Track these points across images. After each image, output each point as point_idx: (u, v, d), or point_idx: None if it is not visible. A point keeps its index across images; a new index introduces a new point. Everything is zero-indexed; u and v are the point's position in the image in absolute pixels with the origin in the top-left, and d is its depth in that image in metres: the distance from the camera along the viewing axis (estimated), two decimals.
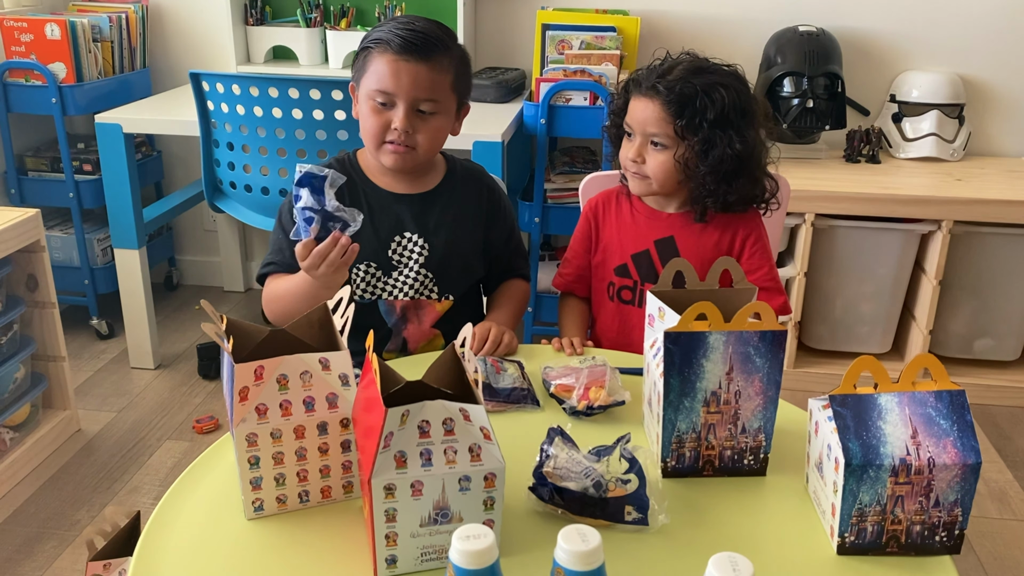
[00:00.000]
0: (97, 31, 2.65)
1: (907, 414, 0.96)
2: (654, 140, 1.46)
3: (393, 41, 1.37)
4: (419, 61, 1.38)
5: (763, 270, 1.51)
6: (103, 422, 2.33)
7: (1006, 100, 2.69)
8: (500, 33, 2.84)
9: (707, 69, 1.46)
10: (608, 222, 1.58)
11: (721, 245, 1.51)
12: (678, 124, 1.43)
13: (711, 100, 1.41)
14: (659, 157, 1.46)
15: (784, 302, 1.52)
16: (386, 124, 1.40)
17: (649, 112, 1.44)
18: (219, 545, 0.98)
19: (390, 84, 1.38)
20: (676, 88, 1.42)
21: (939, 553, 0.97)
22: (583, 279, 1.62)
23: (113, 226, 2.48)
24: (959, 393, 0.96)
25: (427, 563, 0.93)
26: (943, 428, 0.95)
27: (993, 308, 2.49)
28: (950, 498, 0.96)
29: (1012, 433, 2.36)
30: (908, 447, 0.94)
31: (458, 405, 0.90)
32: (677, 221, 1.53)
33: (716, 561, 0.77)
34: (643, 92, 1.46)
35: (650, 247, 1.53)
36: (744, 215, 1.52)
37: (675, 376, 1.05)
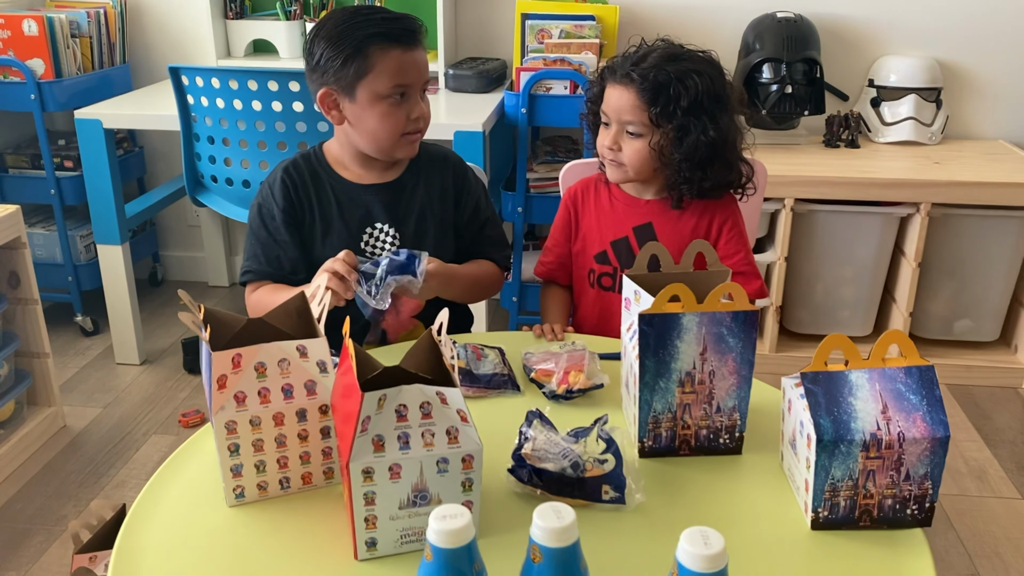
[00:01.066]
0: (75, 27, 2.64)
1: (877, 390, 0.97)
2: (629, 128, 1.46)
3: (392, 35, 1.37)
4: (418, 47, 1.41)
5: (740, 255, 1.53)
6: (89, 418, 2.34)
7: (983, 83, 2.71)
8: (480, 23, 2.84)
9: (681, 56, 1.46)
10: (587, 210, 1.59)
11: (698, 231, 1.52)
12: (652, 111, 1.43)
13: (684, 87, 1.42)
14: (634, 144, 1.47)
15: (760, 286, 1.54)
16: (405, 116, 1.40)
17: (624, 100, 1.45)
18: (201, 532, 0.99)
19: (407, 76, 1.38)
20: (650, 76, 1.42)
21: (911, 526, 0.99)
22: (564, 267, 1.62)
23: (95, 222, 2.48)
24: (928, 368, 0.98)
25: (407, 545, 0.94)
26: (912, 403, 0.97)
27: (972, 290, 2.52)
28: (920, 472, 0.97)
29: (991, 412, 2.39)
30: (878, 422, 0.96)
31: (435, 388, 0.91)
32: (655, 207, 1.54)
33: (688, 535, 0.78)
34: (618, 80, 1.46)
35: (629, 234, 1.54)
36: (720, 201, 1.53)
37: (650, 357, 1.07)
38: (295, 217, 1.46)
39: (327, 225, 1.47)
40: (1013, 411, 2.40)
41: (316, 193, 1.47)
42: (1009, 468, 2.14)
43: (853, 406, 0.97)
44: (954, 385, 2.52)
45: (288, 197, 1.46)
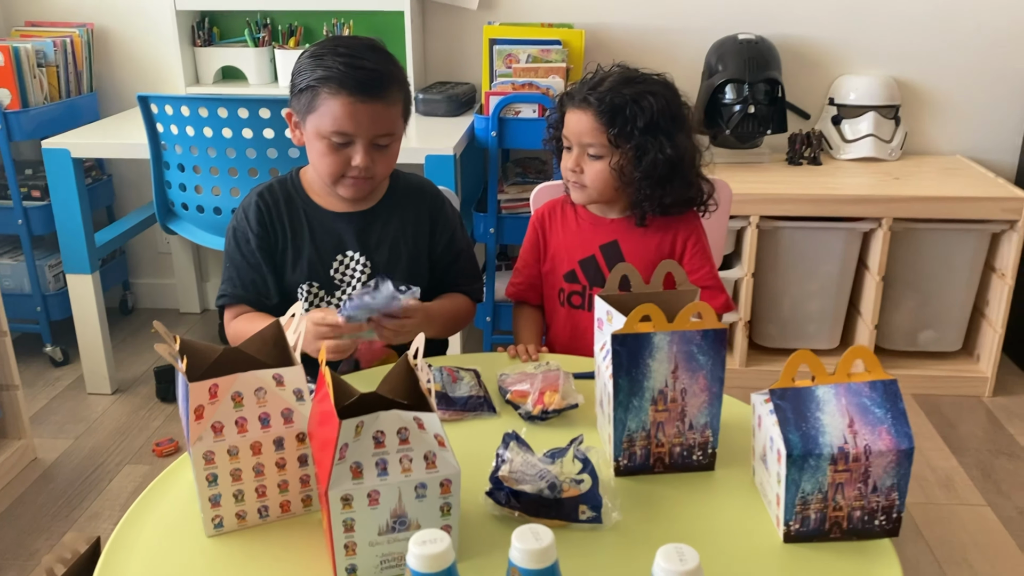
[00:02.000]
0: (42, 56, 2.63)
1: (843, 404, 1.00)
2: (589, 150, 1.51)
3: (347, 82, 1.35)
4: (375, 101, 1.37)
5: (704, 270, 1.57)
6: (60, 449, 2.31)
7: (939, 100, 2.79)
8: (449, 49, 2.87)
9: (636, 79, 1.51)
10: (555, 230, 1.63)
11: (663, 247, 1.56)
12: (611, 133, 1.48)
13: (640, 108, 1.47)
14: (595, 166, 1.51)
15: (726, 300, 1.58)
16: (345, 162, 1.40)
17: (583, 123, 1.49)
18: (180, 563, 0.99)
19: (348, 126, 1.37)
20: (607, 99, 1.47)
21: (879, 536, 1.02)
22: (534, 287, 1.65)
23: (64, 252, 2.46)
24: (892, 383, 1.01)
25: (386, 571, 0.95)
26: (878, 416, 0.99)
27: (934, 301, 2.57)
28: (887, 483, 1.00)
29: (956, 421, 2.44)
30: (845, 436, 0.99)
31: (412, 414, 0.92)
32: (620, 226, 1.58)
33: (664, 552, 0.80)
34: (576, 104, 1.51)
35: (596, 252, 1.58)
36: (683, 218, 1.57)
37: (623, 376, 1.09)
38: (268, 242, 1.48)
39: (298, 250, 1.48)
40: (977, 419, 2.45)
41: (289, 218, 1.48)
42: (975, 476, 2.18)
43: (821, 421, 0.99)
44: (919, 395, 2.57)
45: (262, 222, 1.47)
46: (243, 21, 2.84)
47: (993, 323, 2.51)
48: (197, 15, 2.83)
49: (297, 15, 2.83)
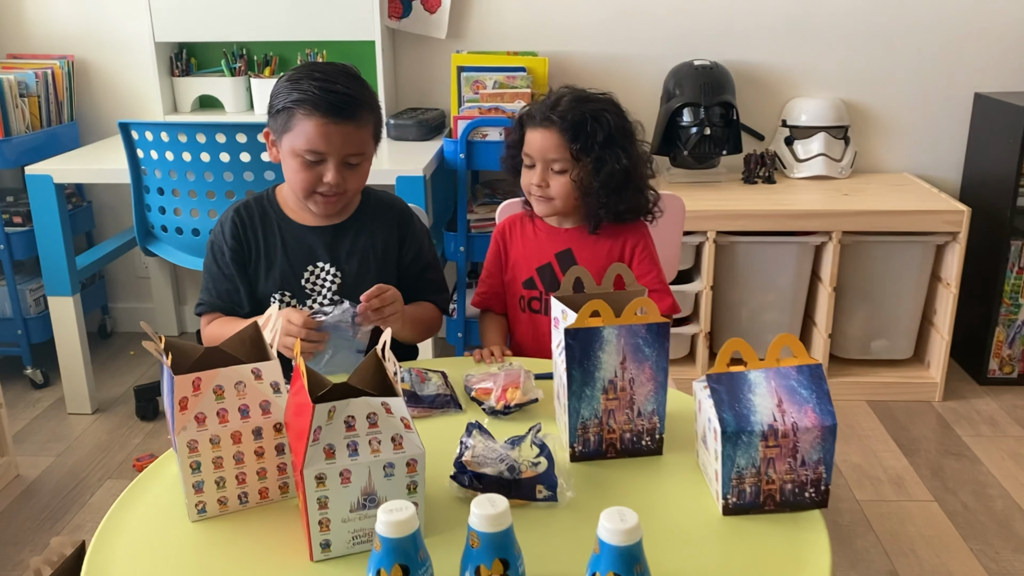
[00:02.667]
0: (24, 87, 2.71)
1: (773, 387, 1.10)
2: (554, 165, 1.63)
3: (320, 105, 1.44)
4: (346, 122, 1.46)
5: (651, 275, 1.69)
6: (42, 466, 2.36)
7: (886, 121, 2.94)
8: (419, 76, 2.99)
9: (590, 98, 1.65)
10: (515, 242, 1.74)
11: (612, 254, 1.68)
12: (573, 148, 1.60)
13: (599, 124, 1.60)
14: (560, 180, 1.63)
15: (672, 303, 1.70)
16: (317, 178, 1.48)
17: (548, 141, 1.61)
18: (167, 545, 1.06)
19: (320, 145, 1.46)
20: (568, 117, 1.60)
21: (810, 508, 1.11)
22: (498, 296, 1.76)
23: (46, 274, 2.53)
24: (816, 367, 1.11)
25: (358, 546, 1.03)
26: (804, 396, 1.09)
27: (885, 311, 2.70)
28: (814, 457, 1.10)
29: (908, 424, 2.55)
30: (775, 414, 1.08)
31: (380, 399, 1.01)
32: (574, 235, 1.70)
33: (606, 514, 0.90)
34: (538, 124, 1.63)
35: (552, 260, 1.70)
36: (632, 226, 1.70)
37: (576, 368, 1.18)
38: (242, 255, 1.57)
39: (271, 262, 1.57)
40: (928, 423, 2.56)
41: (263, 232, 1.57)
42: (924, 474, 2.29)
43: (752, 401, 1.09)
44: (873, 401, 2.68)
45: (236, 236, 1.56)
46: (220, 52, 2.94)
47: (941, 331, 2.64)
48: (175, 46, 2.93)
49: (272, 45, 2.94)
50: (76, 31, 2.99)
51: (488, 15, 2.90)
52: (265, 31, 2.78)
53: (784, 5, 2.84)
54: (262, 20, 2.75)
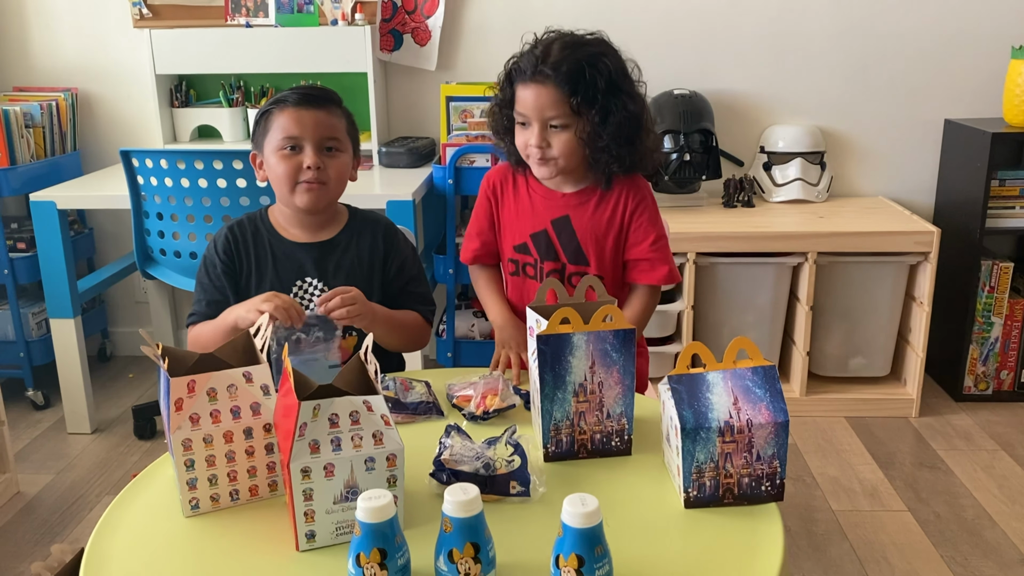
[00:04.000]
0: (29, 118, 2.81)
1: (729, 386, 1.18)
2: (553, 122, 1.51)
3: (291, 98, 1.58)
4: (317, 108, 1.57)
5: (648, 240, 1.63)
6: (42, 483, 2.43)
7: (861, 147, 3.04)
8: (409, 106, 3.10)
9: (582, 42, 1.52)
10: (506, 202, 1.69)
11: (613, 221, 1.63)
12: (573, 101, 1.48)
13: (598, 70, 1.48)
14: (562, 137, 1.52)
15: (668, 271, 1.64)
16: (297, 166, 1.57)
17: (543, 96, 1.49)
18: (162, 538, 1.12)
19: (296, 129, 1.56)
20: (563, 67, 1.47)
21: (767, 501, 1.17)
22: (491, 252, 1.74)
23: (49, 297, 2.61)
24: (771, 368, 1.19)
25: (341, 536, 1.09)
26: (758, 395, 1.17)
27: (862, 330, 2.78)
28: (768, 452, 1.17)
29: (885, 439, 2.62)
30: (731, 412, 1.16)
31: (362, 398, 1.08)
32: (572, 200, 1.63)
33: (569, 499, 0.97)
34: (530, 79, 1.50)
35: (547, 227, 1.64)
36: (632, 190, 1.62)
37: (548, 372, 1.26)
38: (233, 269, 1.65)
39: (261, 276, 1.65)
40: (904, 438, 2.63)
41: (255, 248, 1.65)
42: (898, 486, 2.36)
43: (710, 400, 1.17)
44: (852, 417, 2.75)
45: (228, 252, 1.65)
46: (218, 83, 3.05)
47: (916, 348, 2.72)
48: (175, 78, 3.04)
49: (268, 77, 3.05)
50: (79, 64, 3.10)
51: (476, 48, 3.02)
52: (262, 64, 2.89)
53: (761, 36, 2.96)
54: (259, 53, 2.86)
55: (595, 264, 1.67)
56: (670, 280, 1.66)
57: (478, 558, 0.98)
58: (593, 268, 1.66)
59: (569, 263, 1.67)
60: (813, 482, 2.38)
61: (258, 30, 2.88)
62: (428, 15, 2.95)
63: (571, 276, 1.68)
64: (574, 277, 1.67)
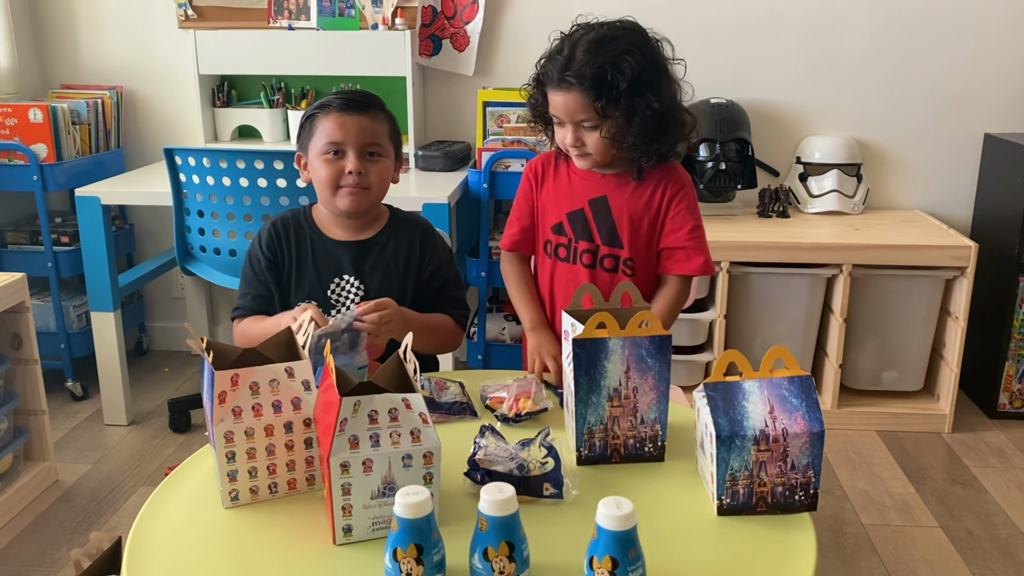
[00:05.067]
0: (76, 115, 2.88)
1: (765, 395, 1.18)
2: (583, 123, 1.56)
3: (335, 102, 1.61)
4: (360, 114, 1.60)
5: (685, 229, 1.65)
6: (80, 473, 2.48)
7: (897, 159, 3.02)
8: (446, 111, 3.13)
9: (606, 39, 1.53)
10: (546, 184, 1.72)
11: (651, 205, 1.65)
12: (598, 105, 1.52)
13: (620, 71, 1.50)
14: (593, 136, 1.57)
15: (703, 262, 1.65)
16: (340, 170, 1.60)
17: (570, 102, 1.54)
18: (202, 527, 1.15)
19: (339, 135, 1.59)
20: (586, 72, 1.51)
21: (799, 511, 1.18)
22: (528, 238, 1.75)
23: (91, 290, 2.67)
24: (807, 377, 1.19)
25: (377, 532, 1.11)
26: (794, 405, 1.17)
27: (895, 343, 2.75)
28: (803, 462, 1.17)
29: (916, 454, 2.60)
30: (767, 421, 1.16)
31: (401, 396, 1.10)
32: (611, 182, 1.66)
33: (604, 502, 0.98)
34: (556, 84, 1.55)
35: (584, 206, 1.67)
36: (673, 176, 1.65)
37: (583, 376, 1.27)
38: (275, 265, 1.68)
39: (301, 273, 1.68)
40: (936, 453, 2.61)
41: (296, 245, 1.68)
42: (930, 502, 2.33)
43: (746, 408, 1.17)
44: (883, 431, 2.73)
45: (272, 247, 1.68)
46: (259, 84, 3.10)
47: (950, 364, 2.69)
48: (217, 79, 3.10)
49: (309, 80, 3.09)
50: (125, 64, 3.17)
51: (513, 53, 3.04)
52: (302, 66, 2.93)
53: (799, 47, 2.95)
54: (300, 56, 2.91)
55: (628, 247, 1.67)
56: (705, 271, 1.66)
57: (513, 557, 0.99)
58: (626, 251, 1.67)
59: (603, 244, 1.68)
60: (843, 495, 2.37)
61: (300, 32, 2.93)
62: (467, 21, 2.98)
63: (604, 258, 1.68)
64: (607, 259, 1.68)
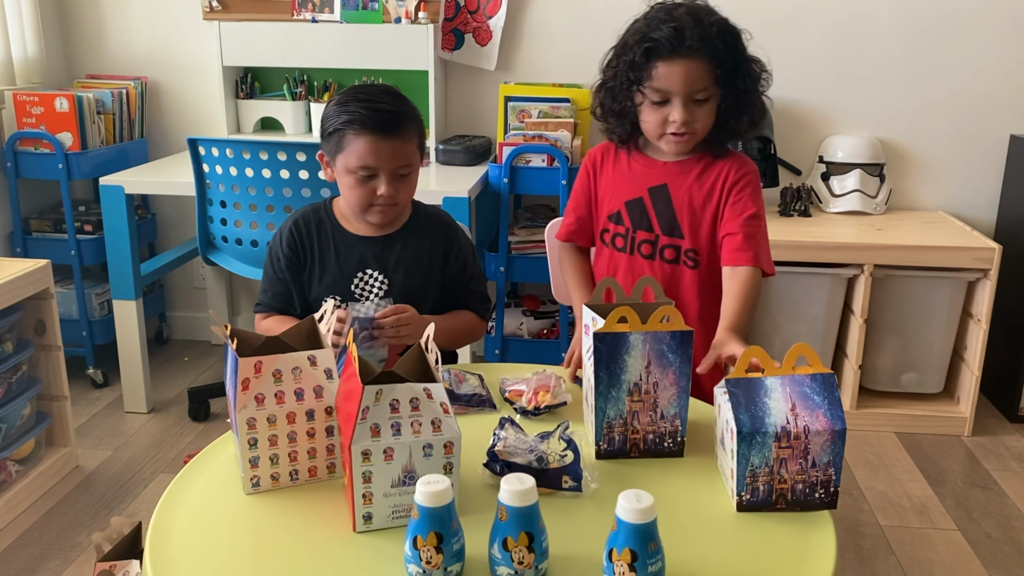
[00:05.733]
0: (101, 104, 2.91)
1: (787, 392, 1.18)
2: (697, 96, 1.50)
3: (367, 123, 1.55)
4: (393, 138, 1.56)
5: (741, 218, 1.57)
6: (100, 459, 2.50)
7: (921, 160, 3.00)
8: (468, 105, 3.13)
9: (706, 9, 1.51)
10: (605, 172, 1.68)
11: (713, 193, 1.59)
12: (719, 73, 1.48)
13: (732, 35, 1.49)
14: (704, 109, 1.52)
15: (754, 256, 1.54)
16: (372, 192, 1.59)
17: (693, 71, 1.48)
18: (223, 513, 1.16)
19: (372, 161, 1.56)
20: (709, 39, 1.46)
21: (819, 508, 1.17)
22: (584, 229, 1.72)
23: (113, 278, 2.69)
24: (829, 375, 1.19)
25: (397, 520, 1.11)
26: (816, 402, 1.17)
27: (916, 345, 2.74)
28: (824, 459, 1.17)
29: (936, 457, 2.58)
30: (788, 418, 1.16)
31: (422, 385, 1.11)
32: (673, 169, 1.61)
33: (624, 495, 0.98)
34: (676, 54, 1.48)
35: (644, 194, 1.63)
36: (739, 161, 1.61)
37: (603, 370, 1.27)
38: (296, 262, 1.69)
39: (324, 268, 1.68)
40: (956, 456, 2.59)
41: (318, 240, 1.69)
42: (949, 505, 2.32)
43: (768, 405, 1.17)
44: (902, 434, 2.71)
45: (292, 245, 1.69)
46: (282, 77, 3.12)
47: (971, 366, 2.67)
48: (241, 70, 3.12)
49: (332, 72, 3.10)
50: (150, 55, 3.19)
51: (536, 48, 3.04)
52: (325, 59, 2.95)
53: (824, 45, 2.93)
54: (323, 49, 2.92)
55: (689, 238, 1.62)
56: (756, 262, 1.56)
57: (532, 548, 1.00)
58: (687, 242, 1.63)
59: (663, 234, 1.63)
60: (860, 496, 2.36)
61: (323, 25, 2.94)
62: (490, 15, 2.98)
63: (663, 249, 1.64)
64: (667, 250, 1.64)
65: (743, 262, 1.57)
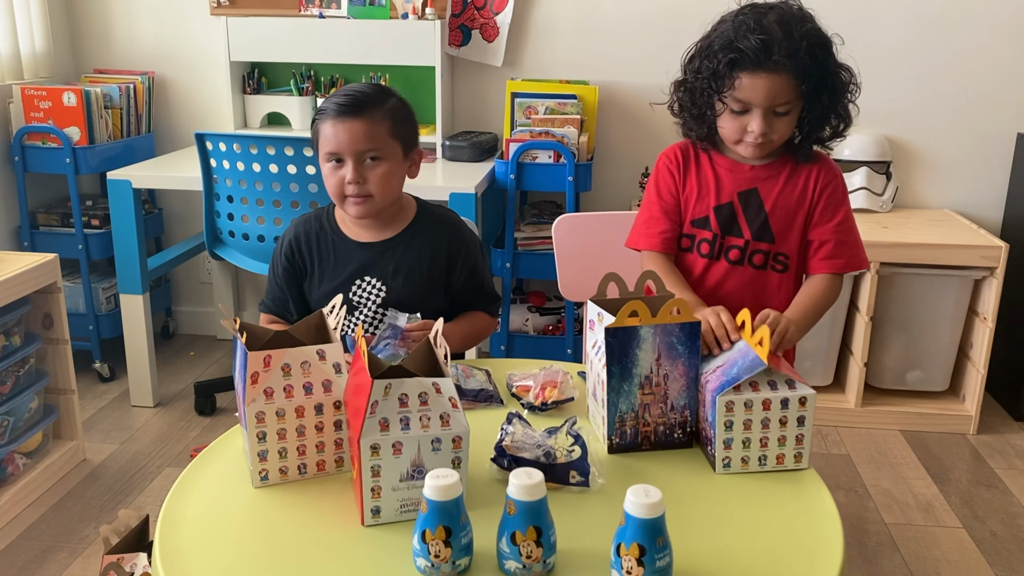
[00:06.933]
0: (108, 99, 2.91)
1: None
2: (778, 108, 1.48)
3: (330, 108, 1.56)
4: (353, 118, 1.54)
5: (836, 219, 1.57)
6: (107, 452, 2.51)
7: (928, 158, 2.99)
8: (475, 101, 3.13)
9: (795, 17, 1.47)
10: (690, 176, 1.63)
11: (804, 196, 1.58)
12: (804, 88, 1.46)
13: (822, 47, 1.46)
14: (785, 120, 1.50)
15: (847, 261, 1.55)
16: (341, 180, 1.57)
17: (777, 86, 1.46)
18: (232, 506, 1.17)
19: (334, 144, 1.55)
20: (797, 55, 1.44)
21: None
22: (673, 236, 1.64)
23: (120, 273, 2.70)
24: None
25: (405, 514, 1.12)
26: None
27: (921, 343, 2.73)
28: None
29: (941, 455, 2.58)
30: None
31: (431, 380, 1.11)
32: (761, 173, 1.59)
33: (632, 490, 0.99)
34: (761, 68, 1.45)
35: (734, 199, 1.59)
36: (826, 165, 1.59)
37: (615, 364, 1.27)
38: (295, 271, 1.69)
39: (323, 274, 1.67)
40: (961, 454, 2.59)
41: (317, 249, 1.67)
42: (954, 503, 2.32)
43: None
44: (908, 431, 2.71)
45: (290, 256, 1.68)
46: (289, 72, 3.12)
47: (977, 365, 2.67)
48: (248, 66, 3.12)
49: (338, 68, 3.10)
50: (157, 50, 3.20)
51: (543, 45, 3.04)
52: (333, 54, 2.95)
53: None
54: (330, 44, 2.92)
55: (779, 241, 1.60)
56: (848, 267, 1.58)
57: (540, 542, 1.00)
58: (777, 246, 1.61)
59: (753, 239, 1.61)
60: (865, 493, 2.36)
61: (330, 21, 2.94)
62: (497, 12, 2.98)
63: (753, 254, 1.61)
64: (756, 255, 1.62)
65: (832, 269, 1.59)
